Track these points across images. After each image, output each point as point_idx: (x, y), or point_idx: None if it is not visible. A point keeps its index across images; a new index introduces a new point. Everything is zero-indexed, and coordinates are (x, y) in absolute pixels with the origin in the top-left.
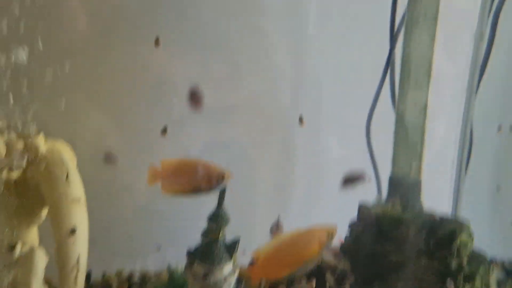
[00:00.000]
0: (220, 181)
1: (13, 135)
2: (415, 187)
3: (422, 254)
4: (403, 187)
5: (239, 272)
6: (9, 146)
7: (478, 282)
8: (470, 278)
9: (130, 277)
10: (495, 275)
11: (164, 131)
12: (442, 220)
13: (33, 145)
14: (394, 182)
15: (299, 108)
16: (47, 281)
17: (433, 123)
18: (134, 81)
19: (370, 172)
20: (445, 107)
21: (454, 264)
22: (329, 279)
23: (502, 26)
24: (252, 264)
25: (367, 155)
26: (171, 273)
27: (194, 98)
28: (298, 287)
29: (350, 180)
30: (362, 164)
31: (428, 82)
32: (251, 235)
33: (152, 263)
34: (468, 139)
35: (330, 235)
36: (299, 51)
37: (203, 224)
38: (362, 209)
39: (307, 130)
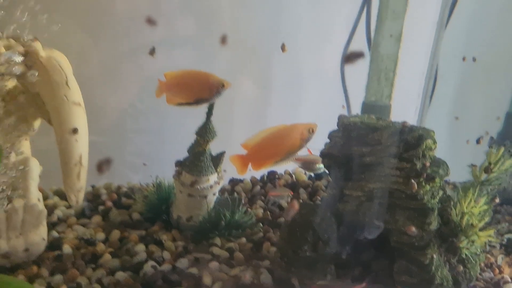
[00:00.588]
0: (220, 89)
1: (12, 40)
2: (385, 111)
3: (392, 156)
4: (375, 111)
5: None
6: (8, 49)
7: (437, 181)
8: (431, 178)
9: (118, 189)
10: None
11: (152, 51)
12: (411, 128)
13: (33, 48)
14: (366, 107)
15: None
16: (40, 190)
17: (405, 55)
18: None
19: (342, 100)
20: (416, 39)
21: (419, 164)
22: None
23: None
24: None
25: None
26: (159, 182)
27: None
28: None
29: (350, 57)
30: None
31: (404, 12)
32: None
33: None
34: (434, 72)
35: (311, 130)
36: None
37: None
38: (341, 118)
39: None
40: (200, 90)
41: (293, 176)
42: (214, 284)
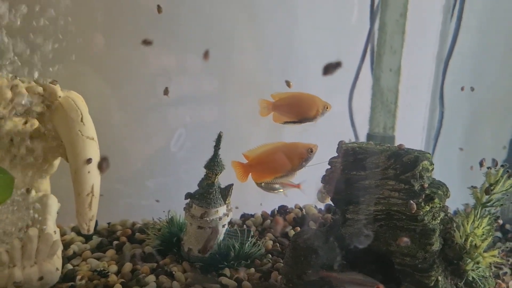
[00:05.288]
0: (324, 111)
1: (33, 83)
2: (390, 142)
3: (390, 178)
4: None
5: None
6: (29, 91)
7: (437, 202)
8: (430, 198)
9: (133, 225)
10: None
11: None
12: (408, 150)
13: (52, 90)
14: (371, 138)
15: None
16: (58, 226)
17: (406, 88)
18: None
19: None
20: (416, 73)
21: (417, 185)
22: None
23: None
24: None
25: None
26: (171, 217)
27: None
28: None
29: (329, 67)
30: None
31: (402, 47)
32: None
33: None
34: (436, 104)
35: (310, 150)
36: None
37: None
38: (341, 144)
39: None
40: (306, 111)
41: (303, 209)
42: None
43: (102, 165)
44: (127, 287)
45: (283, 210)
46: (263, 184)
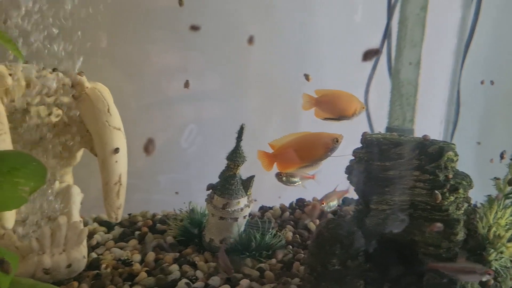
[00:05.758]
0: (359, 111)
1: (60, 73)
2: (409, 135)
3: (415, 168)
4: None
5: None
6: (57, 82)
7: (461, 192)
8: (455, 188)
9: (153, 216)
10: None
11: (186, 84)
12: (433, 141)
13: (79, 81)
14: (390, 131)
15: None
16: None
17: (425, 82)
18: None
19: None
20: (435, 67)
21: (441, 176)
22: None
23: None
24: None
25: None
26: (192, 208)
27: None
28: None
29: (368, 54)
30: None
31: (422, 40)
32: None
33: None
34: (455, 98)
35: (336, 140)
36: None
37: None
38: (365, 135)
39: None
40: (346, 109)
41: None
42: None
43: (149, 147)
44: (151, 276)
45: (301, 203)
46: (284, 178)
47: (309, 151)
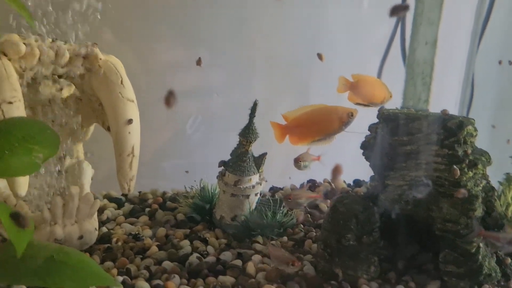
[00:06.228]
0: (387, 99)
1: (74, 44)
2: None
3: (433, 143)
4: None
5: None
6: (71, 53)
7: (480, 168)
8: (473, 164)
9: (163, 194)
10: None
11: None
12: (452, 116)
13: (93, 53)
14: None
15: None
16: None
17: (441, 63)
18: None
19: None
20: (451, 48)
21: (460, 151)
22: None
23: None
24: None
25: None
26: (202, 185)
27: None
28: None
29: (397, 9)
30: None
31: (439, 19)
32: None
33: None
34: (470, 80)
35: (351, 114)
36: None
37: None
38: (381, 110)
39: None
40: (377, 96)
41: (332, 184)
42: (257, 274)
43: (170, 99)
44: (163, 250)
45: (312, 183)
46: (301, 164)
47: (323, 124)
